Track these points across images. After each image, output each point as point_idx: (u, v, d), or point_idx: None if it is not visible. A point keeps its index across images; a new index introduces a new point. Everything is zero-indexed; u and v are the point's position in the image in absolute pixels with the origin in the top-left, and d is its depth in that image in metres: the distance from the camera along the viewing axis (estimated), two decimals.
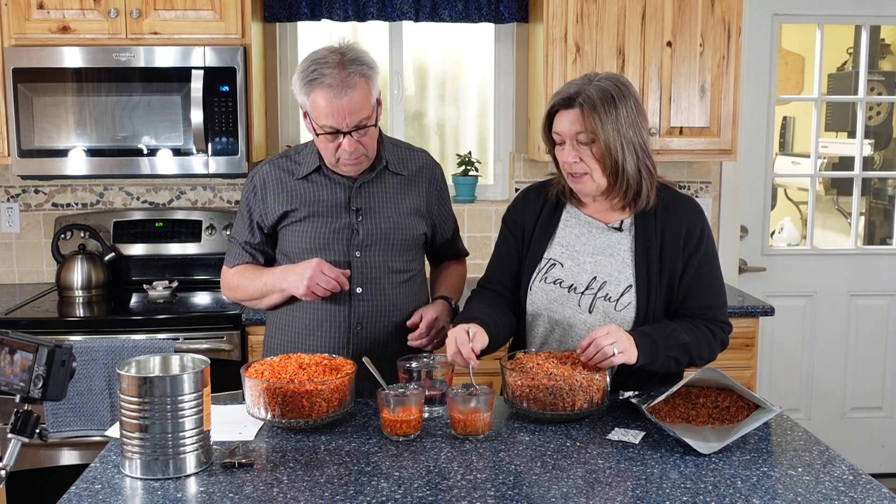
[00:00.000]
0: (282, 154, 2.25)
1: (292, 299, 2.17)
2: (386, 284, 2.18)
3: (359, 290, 2.15)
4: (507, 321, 2.09)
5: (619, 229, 2.04)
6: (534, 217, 2.12)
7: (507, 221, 2.19)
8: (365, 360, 1.97)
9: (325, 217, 2.15)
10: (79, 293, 3.27)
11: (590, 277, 2.02)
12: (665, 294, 2.01)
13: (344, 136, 2.02)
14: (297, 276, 2.08)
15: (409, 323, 2.18)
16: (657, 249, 2.00)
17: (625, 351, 1.84)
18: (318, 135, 2.06)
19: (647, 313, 1.99)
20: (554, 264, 2.06)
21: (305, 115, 2.07)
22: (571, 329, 2.03)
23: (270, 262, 2.25)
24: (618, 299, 2.00)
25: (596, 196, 2.03)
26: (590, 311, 2.01)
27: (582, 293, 2.02)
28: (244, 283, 2.21)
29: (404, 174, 2.21)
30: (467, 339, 1.87)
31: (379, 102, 2.09)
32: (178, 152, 3.10)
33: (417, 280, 2.28)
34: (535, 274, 2.08)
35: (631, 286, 2.00)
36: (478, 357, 1.89)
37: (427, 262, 2.41)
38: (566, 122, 1.94)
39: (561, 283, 2.04)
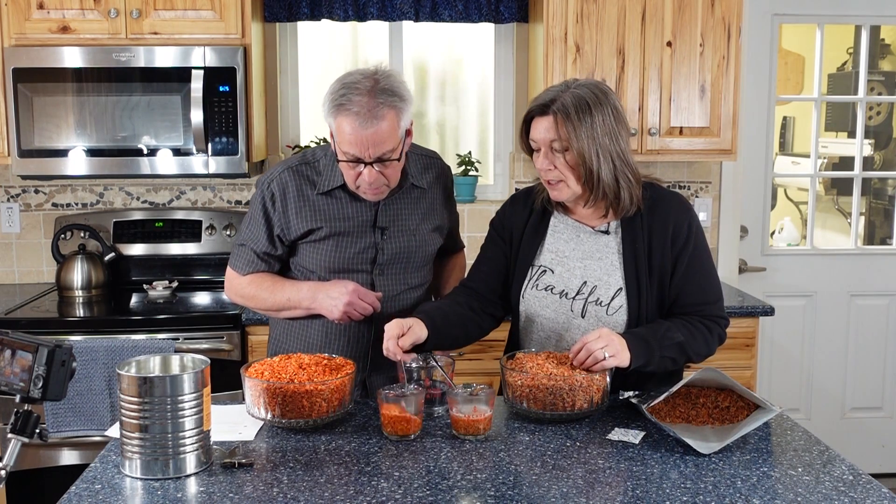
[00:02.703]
0: (300, 160, 2.14)
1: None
2: (405, 300, 2.17)
3: (380, 309, 2.12)
4: (470, 318, 2.06)
5: (607, 232, 2.03)
6: (522, 223, 2.11)
7: (494, 225, 2.18)
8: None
9: (351, 236, 2.10)
10: (79, 293, 3.27)
11: (580, 282, 2.02)
12: (657, 295, 1.99)
13: (365, 166, 1.97)
14: (332, 301, 2.04)
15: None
16: (645, 250, 1.99)
17: (616, 354, 1.83)
18: (339, 161, 2.00)
19: (640, 316, 1.98)
20: (545, 271, 2.06)
21: (332, 135, 2.01)
22: (566, 334, 2.02)
23: (284, 268, 2.21)
24: (609, 303, 1.99)
25: (577, 201, 2.02)
26: (582, 316, 2.01)
27: (573, 298, 2.01)
28: (261, 294, 2.14)
29: (424, 186, 2.18)
30: (397, 333, 1.86)
31: (409, 133, 2.03)
32: (178, 152, 3.10)
33: (429, 291, 2.30)
34: (526, 281, 2.07)
35: (621, 289, 1.99)
36: (418, 350, 1.89)
37: None
38: (541, 130, 1.93)
39: (552, 289, 2.03)
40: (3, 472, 1.45)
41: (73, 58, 3.05)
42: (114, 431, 1.77)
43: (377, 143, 1.93)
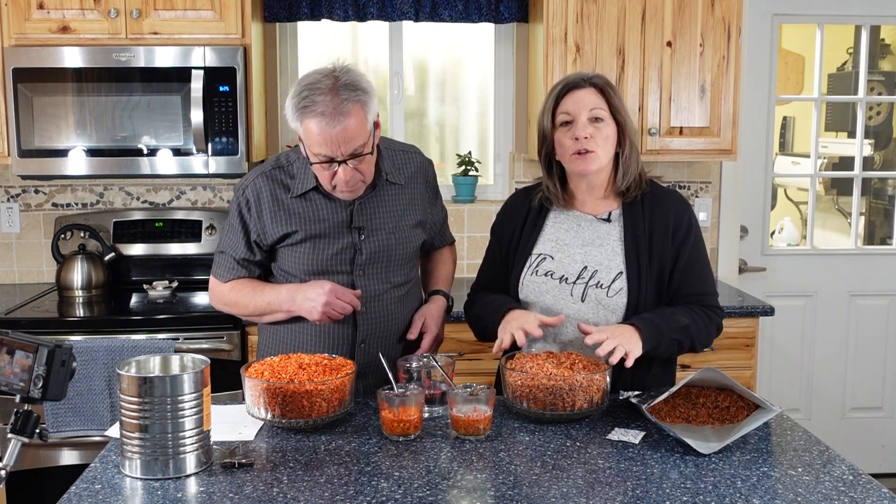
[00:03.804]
0: (273, 164, 2.13)
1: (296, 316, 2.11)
2: (388, 299, 2.15)
3: (363, 308, 2.10)
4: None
5: (608, 220, 2.08)
6: (521, 220, 2.15)
7: (494, 230, 2.22)
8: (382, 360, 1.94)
9: (327, 238, 2.09)
10: (79, 293, 3.27)
11: (580, 267, 2.05)
12: (655, 281, 2.04)
13: (339, 165, 1.95)
14: (310, 302, 2.02)
15: (410, 336, 2.18)
16: (646, 237, 2.04)
17: (631, 350, 1.89)
18: (312, 163, 1.98)
19: (639, 299, 2.01)
20: (544, 258, 2.09)
21: (300, 138, 1.99)
22: (565, 319, 2.04)
23: (266, 273, 2.20)
24: (609, 286, 2.02)
25: (588, 189, 2.08)
26: (582, 300, 2.03)
27: (573, 283, 2.05)
28: (243, 299, 2.14)
29: (401, 182, 2.16)
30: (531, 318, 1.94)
31: (377, 125, 2.01)
32: (178, 152, 3.10)
33: (415, 288, 2.28)
34: (525, 268, 2.10)
35: (622, 273, 2.02)
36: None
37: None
38: (581, 98, 2.02)
39: (552, 274, 2.07)
40: (3, 472, 1.45)
41: (73, 58, 3.05)
42: (114, 431, 1.77)
43: (348, 140, 1.91)
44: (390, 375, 1.90)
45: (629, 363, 1.88)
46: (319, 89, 1.90)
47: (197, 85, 3.03)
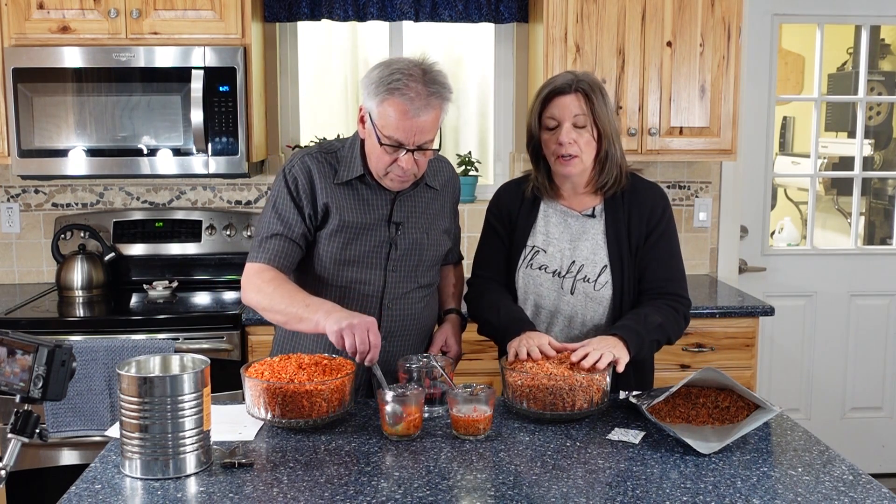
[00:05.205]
0: (318, 149, 2.10)
1: None
2: (413, 299, 2.14)
3: (389, 306, 2.09)
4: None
5: (592, 216, 2.16)
6: (516, 207, 2.23)
7: (492, 211, 2.28)
8: (374, 367, 1.89)
9: (366, 230, 2.06)
10: (79, 293, 3.27)
11: (569, 262, 2.14)
12: (637, 271, 2.13)
13: (405, 153, 1.95)
14: (346, 319, 1.86)
15: (432, 353, 2.16)
16: (626, 230, 2.13)
17: (620, 357, 1.92)
18: (381, 144, 1.95)
19: (623, 290, 2.11)
20: (538, 251, 2.17)
21: (362, 119, 1.98)
22: (557, 311, 2.15)
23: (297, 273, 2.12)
24: (595, 279, 2.11)
25: (573, 186, 2.15)
26: (572, 293, 2.13)
27: (564, 277, 2.13)
28: (279, 295, 1.97)
29: (436, 188, 2.18)
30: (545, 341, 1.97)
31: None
32: (178, 152, 3.10)
33: (435, 294, 2.28)
34: (521, 261, 2.18)
35: (606, 266, 2.12)
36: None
37: None
38: (566, 104, 2.06)
39: (546, 268, 2.15)
40: (3, 472, 1.45)
41: (73, 58, 3.05)
42: (114, 431, 1.77)
43: (423, 131, 1.93)
44: (384, 383, 1.86)
45: (620, 368, 1.92)
46: (412, 76, 1.91)
47: (197, 85, 3.03)
